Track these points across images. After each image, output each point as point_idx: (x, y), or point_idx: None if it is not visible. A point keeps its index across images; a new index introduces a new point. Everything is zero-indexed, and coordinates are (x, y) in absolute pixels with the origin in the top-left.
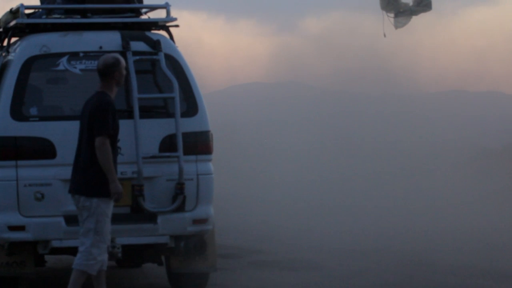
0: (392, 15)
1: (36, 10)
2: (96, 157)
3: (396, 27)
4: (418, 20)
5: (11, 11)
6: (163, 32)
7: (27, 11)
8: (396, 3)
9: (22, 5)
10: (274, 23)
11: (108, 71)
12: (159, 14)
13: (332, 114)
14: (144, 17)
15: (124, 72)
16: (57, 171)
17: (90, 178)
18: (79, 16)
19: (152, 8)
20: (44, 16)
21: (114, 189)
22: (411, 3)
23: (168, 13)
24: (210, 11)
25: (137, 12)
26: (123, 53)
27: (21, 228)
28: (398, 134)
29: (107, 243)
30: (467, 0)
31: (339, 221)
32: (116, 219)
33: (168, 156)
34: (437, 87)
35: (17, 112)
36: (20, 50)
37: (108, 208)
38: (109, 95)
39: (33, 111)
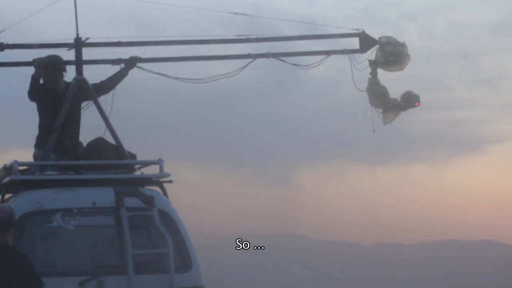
0: (380, 110)
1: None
2: None
3: (385, 122)
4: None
5: (4, 168)
6: (156, 187)
7: (21, 167)
8: (384, 99)
9: (15, 161)
10: (266, 175)
11: (10, 222)
12: (153, 169)
13: (327, 265)
14: (137, 172)
15: None
16: None
17: None
18: (72, 172)
19: (145, 164)
20: (37, 172)
21: None
22: (399, 99)
23: (161, 169)
24: (203, 165)
25: (130, 168)
26: (116, 209)
27: None
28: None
29: None
30: (457, 149)
31: None
32: None
33: None
34: (430, 236)
35: None
36: (14, 206)
37: None
38: (15, 248)
39: None
